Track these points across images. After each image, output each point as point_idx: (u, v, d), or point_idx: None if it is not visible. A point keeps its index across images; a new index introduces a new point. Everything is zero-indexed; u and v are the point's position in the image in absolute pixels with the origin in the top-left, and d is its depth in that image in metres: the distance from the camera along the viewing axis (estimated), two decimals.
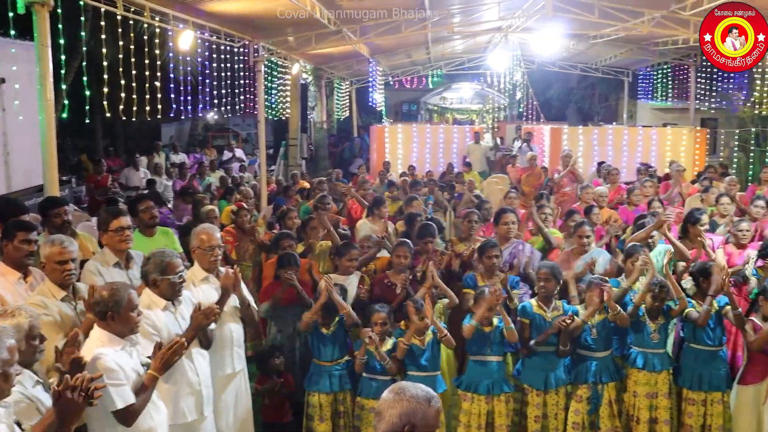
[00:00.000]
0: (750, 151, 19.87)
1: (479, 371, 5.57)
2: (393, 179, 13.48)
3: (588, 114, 28.01)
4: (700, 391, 5.63)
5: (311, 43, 13.64)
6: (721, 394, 5.64)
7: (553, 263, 6.02)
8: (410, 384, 2.64)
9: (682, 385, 5.71)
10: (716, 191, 9.50)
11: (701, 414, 5.62)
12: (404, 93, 31.69)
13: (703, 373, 5.63)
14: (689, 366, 5.70)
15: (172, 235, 6.66)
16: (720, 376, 5.66)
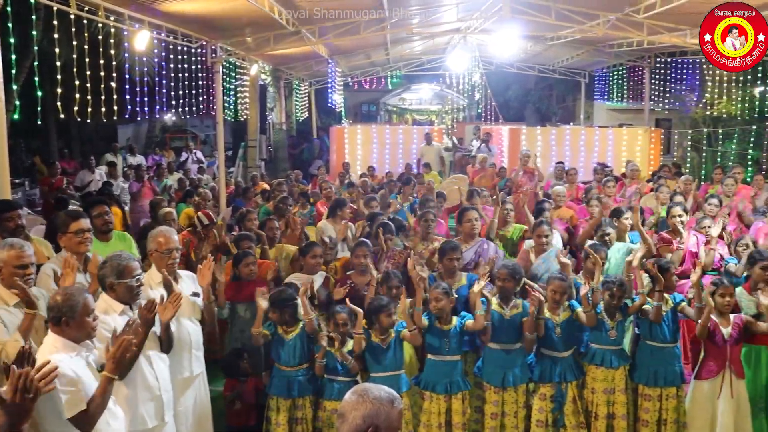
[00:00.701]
0: (702, 151, 20.30)
1: (437, 370, 5.58)
2: (353, 180, 13.44)
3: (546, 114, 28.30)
4: (656, 386, 5.71)
5: (270, 43, 13.56)
6: (675, 389, 5.73)
7: (513, 263, 6.05)
8: (373, 385, 2.63)
9: (639, 381, 5.79)
10: (666, 190, 9.68)
11: (657, 409, 5.71)
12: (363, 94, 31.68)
13: (658, 370, 5.72)
14: (645, 362, 5.79)
15: (129, 239, 6.55)
16: (675, 371, 5.76)
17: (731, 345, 5.62)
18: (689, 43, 13.79)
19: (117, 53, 9.61)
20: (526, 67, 22.28)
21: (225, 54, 13.19)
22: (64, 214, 5.42)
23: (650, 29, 12.98)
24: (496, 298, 5.82)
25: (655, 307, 5.66)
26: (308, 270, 6.43)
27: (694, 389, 5.78)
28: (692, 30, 13.01)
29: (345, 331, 5.56)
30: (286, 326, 5.65)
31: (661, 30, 12.97)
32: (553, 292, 5.70)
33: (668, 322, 5.75)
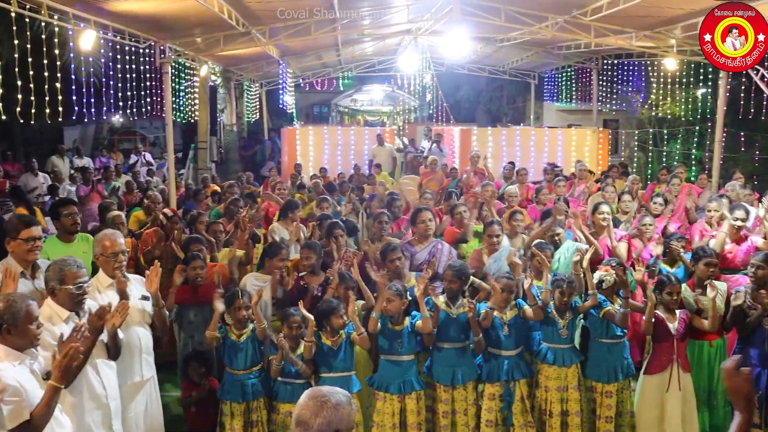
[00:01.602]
0: (649, 151, 20.74)
1: (391, 370, 5.58)
2: (304, 182, 13.38)
3: (496, 115, 28.58)
4: (616, 382, 5.79)
5: (219, 44, 13.40)
6: (629, 381, 5.86)
7: (460, 264, 6.07)
8: (329, 389, 2.60)
9: (598, 379, 5.84)
10: (612, 189, 9.86)
11: (616, 403, 5.80)
12: (315, 95, 31.59)
13: (616, 365, 5.81)
14: (602, 360, 5.84)
15: (92, 241, 6.42)
16: (627, 364, 5.87)
17: (678, 340, 5.75)
18: (635, 45, 14.08)
19: (62, 53, 9.40)
20: (476, 69, 22.46)
21: (174, 54, 12.99)
22: (16, 219, 5.27)
23: (597, 32, 13.20)
24: (443, 297, 5.84)
25: (622, 314, 5.71)
26: (272, 271, 6.38)
27: (643, 384, 5.89)
28: (637, 33, 13.29)
29: (298, 333, 5.52)
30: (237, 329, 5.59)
31: (607, 32, 13.20)
32: (501, 290, 5.73)
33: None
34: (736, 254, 7.13)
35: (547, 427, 5.76)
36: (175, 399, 6.73)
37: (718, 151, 14.49)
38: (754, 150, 18.18)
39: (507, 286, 5.74)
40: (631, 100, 21.48)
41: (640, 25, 12.97)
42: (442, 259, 6.78)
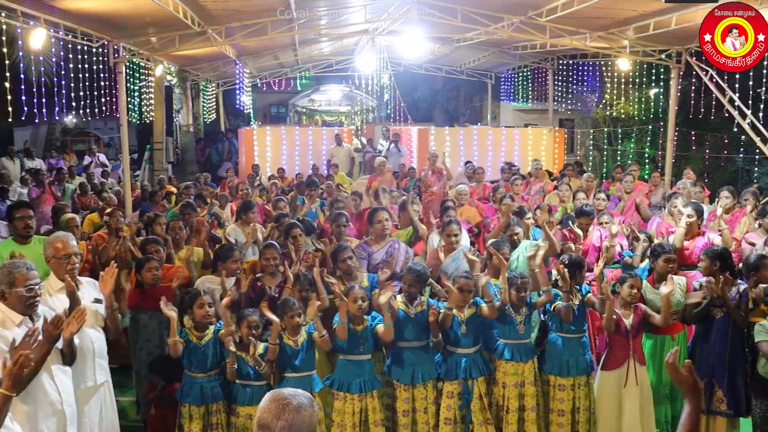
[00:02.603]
0: (603, 150, 21.05)
1: (351, 370, 5.58)
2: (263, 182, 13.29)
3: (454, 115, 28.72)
4: (569, 376, 5.87)
5: (175, 44, 13.23)
6: (586, 377, 5.92)
7: (421, 267, 6.08)
8: (290, 391, 2.58)
9: (551, 372, 5.93)
10: (566, 188, 9.98)
11: (571, 398, 5.87)
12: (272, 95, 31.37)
13: (570, 360, 5.88)
14: (557, 354, 5.92)
15: None
16: (585, 361, 5.94)
17: (633, 335, 5.86)
18: (589, 46, 14.27)
19: (10, 52, 9.19)
20: (433, 69, 22.55)
21: (128, 54, 12.80)
22: None
23: (552, 32, 13.35)
24: (401, 297, 5.86)
25: (565, 308, 5.81)
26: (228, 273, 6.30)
27: (601, 379, 5.97)
28: (591, 34, 13.47)
29: (256, 334, 5.47)
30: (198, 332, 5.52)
31: (562, 33, 13.36)
32: (459, 290, 5.76)
33: (577, 313, 5.91)
34: (693, 250, 7.28)
35: (504, 423, 5.81)
36: (131, 404, 6.62)
37: (670, 150, 14.78)
38: (704, 149, 18.59)
39: (465, 286, 5.77)
40: (585, 100, 21.78)
41: (593, 26, 13.16)
42: (399, 258, 6.80)
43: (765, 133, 13.30)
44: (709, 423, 5.89)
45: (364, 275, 6.45)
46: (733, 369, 5.82)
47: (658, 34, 12.41)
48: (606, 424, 5.90)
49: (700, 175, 13.85)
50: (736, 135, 16.57)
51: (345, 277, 6.27)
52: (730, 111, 13.73)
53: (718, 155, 18.61)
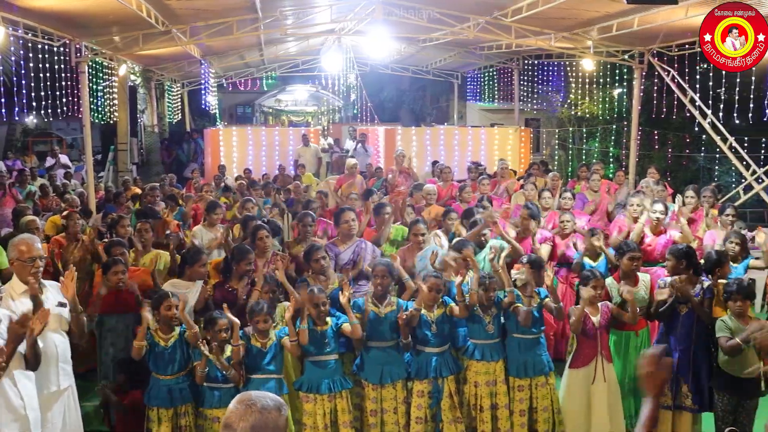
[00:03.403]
0: (569, 149, 21.26)
1: (318, 371, 5.56)
2: (229, 183, 13.19)
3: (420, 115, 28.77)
4: (526, 377, 5.92)
5: (139, 43, 13.07)
6: (544, 377, 5.96)
7: (387, 261, 6.10)
8: (258, 393, 2.57)
9: (509, 373, 5.98)
10: (532, 187, 10.06)
11: (528, 397, 5.93)
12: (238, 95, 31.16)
13: (527, 360, 5.93)
14: (514, 355, 5.98)
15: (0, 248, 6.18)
16: (542, 361, 5.99)
17: (601, 332, 5.92)
18: (554, 46, 14.40)
19: None
20: (400, 69, 22.58)
21: (90, 53, 12.61)
22: None
23: (518, 33, 13.44)
24: (370, 297, 5.85)
25: (525, 312, 5.85)
26: (196, 277, 6.24)
27: (568, 378, 6.02)
28: (556, 34, 13.59)
29: (223, 337, 5.43)
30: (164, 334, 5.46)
31: (527, 34, 13.46)
32: (429, 290, 5.77)
33: (537, 315, 5.95)
34: (656, 247, 7.39)
35: (478, 422, 5.85)
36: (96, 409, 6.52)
37: (634, 149, 14.99)
38: (667, 148, 18.89)
39: (434, 285, 5.78)
40: (551, 100, 21.97)
41: (558, 26, 13.27)
42: (366, 258, 6.80)
43: (725, 133, 13.56)
44: (675, 418, 5.97)
45: (336, 275, 6.43)
46: (697, 364, 5.90)
47: (621, 35, 12.57)
48: (575, 421, 5.95)
49: (663, 174, 14.06)
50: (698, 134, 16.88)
51: (318, 277, 6.25)
52: (691, 111, 13.98)
53: (681, 154, 18.93)
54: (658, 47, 13.71)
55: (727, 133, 13.61)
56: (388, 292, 5.94)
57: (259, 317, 5.44)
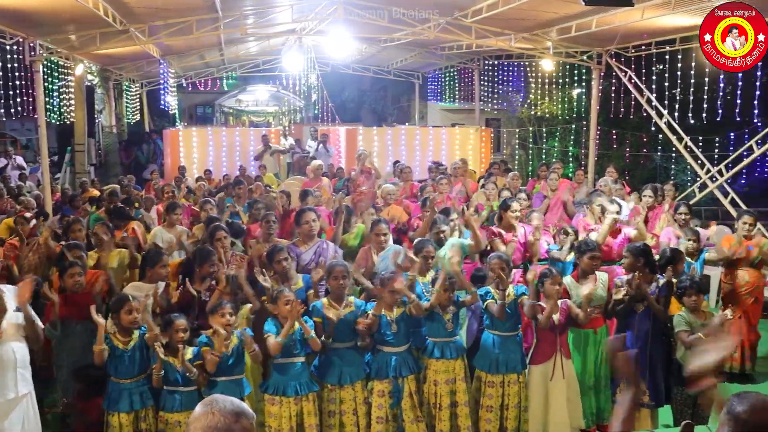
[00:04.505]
0: (529, 149, 21.48)
1: (285, 374, 5.53)
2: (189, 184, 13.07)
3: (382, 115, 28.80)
4: (498, 373, 5.95)
5: (96, 42, 12.87)
6: (516, 375, 6.00)
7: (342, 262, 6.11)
8: (222, 397, 2.53)
9: (482, 369, 6.01)
10: (492, 186, 10.14)
11: (500, 394, 5.95)
12: (198, 95, 30.82)
13: (500, 357, 5.96)
14: (488, 351, 6.01)
15: None
16: (516, 359, 6.02)
17: (560, 330, 6.00)
18: (514, 47, 14.53)
19: None
20: (361, 69, 22.56)
21: (46, 52, 12.39)
22: None
23: (478, 33, 13.54)
24: (326, 298, 5.85)
25: (499, 305, 5.88)
26: (157, 279, 6.18)
27: (530, 374, 6.09)
28: (516, 35, 13.73)
29: (185, 338, 5.37)
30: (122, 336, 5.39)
31: (488, 34, 13.57)
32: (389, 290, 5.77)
33: (510, 312, 5.98)
34: (613, 246, 7.50)
35: (437, 420, 5.87)
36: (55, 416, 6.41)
37: (593, 148, 15.21)
38: (625, 147, 19.21)
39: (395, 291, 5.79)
40: (511, 100, 22.17)
41: (518, 27, 13.40)
42: (328, 258, 6.79)
43: (680, 132, 13.83)
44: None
45: (299, 277, 6.41)
46: (654, 361, 6.03)
47: (580, 36, 12.74)
48: (534, 417, 6.02)
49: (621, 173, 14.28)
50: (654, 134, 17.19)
51: (280, 278, 6.22)
52: (648, 111, 14.24)
53: (638, 153, 19.27)
54: (615, 48, 13.93)
55: (682, 132, 13.87)
56: (346, 293, 5.93)
57: (222, 310, 5.39)
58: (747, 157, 13.51)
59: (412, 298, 5.82)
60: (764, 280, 8.05)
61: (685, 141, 13.80)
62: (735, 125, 16.93)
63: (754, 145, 13.56)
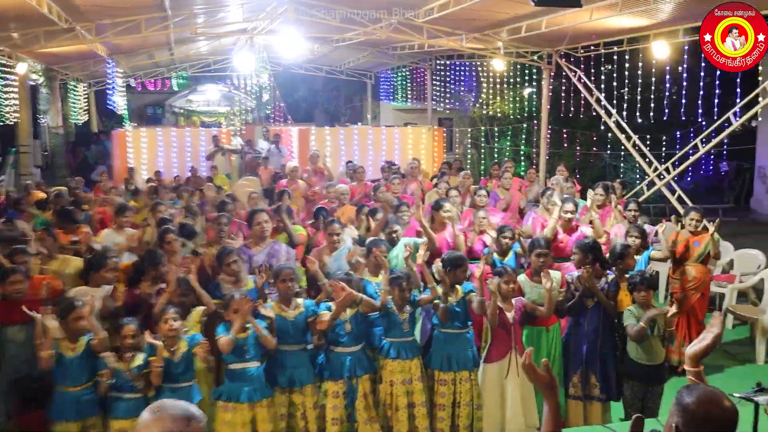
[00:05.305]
0: (481, 148, 21.66)
1: (238, 380, 5.44)
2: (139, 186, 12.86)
3: (334, 115, 28.79)
4: (450, 371, 5.97)
5: (40, 40, 12.58)
6: (468, 372, 6.02)
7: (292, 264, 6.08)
8: (170, 402, 2.48)
9: (434, 367, 6.02)
10: (445, 185, 10.20)
11: (452, 392, 5.97)
12: (148, 96, 30.40)
13: (451, 355, 5.99)
14: (439, 349, 6.04)
15: None
16: (467, 356, 6.05)
17: (515, 327, 6.03)
18: (465, 47, 14.64)
19: None
20: (313, 69, 22.50)
21: None
22: None
23: (429, 33, 13.61)
24: (275, 301, 5.80)
25: (442, 308, 5.91)
26: (103, 282, 6.06)
27: (484, 372, 6.10)
28: (467, 35, 13.83)
29: (131, 344, 5.26)
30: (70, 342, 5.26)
31: (439, 34, 13.64)
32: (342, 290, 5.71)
33: (459, 310, 6.02)
34: (568, 244, 7.60)
35: (394, 421, 5.86)
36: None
37: (544, 147, 15.42)
38: (575, 146, 19.51)
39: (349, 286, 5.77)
40: (463, 100, 22.33)
41: (469, 27, 13.50)
42: (281, 260, 6.74)
43: (629, 131, 14.09)
44: (586, 409, 6.18)
45: (250, 279, 6.33)
46: (604, 356, 6.13)
47: (530, 36, 12.90)
48: (490, 416, 6.04)
49: (572, 171, 14.49)
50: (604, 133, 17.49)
51: (230, 281, 6.15)
52: (597, 110, 14.48)
53: (588, 152, 19.59)
54: (565, 48, 14.14)
55: (630, 131, 14.13)
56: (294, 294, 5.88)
57: (165, 315, 5.29)
58: (692, 155, 13.79)
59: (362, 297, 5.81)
60: (710, 276, 8.22)
61: (634, 140, 14.05)
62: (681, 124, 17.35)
63: (699, 143, 13.90)
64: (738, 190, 20.52)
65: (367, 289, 6.11)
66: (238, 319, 5.35)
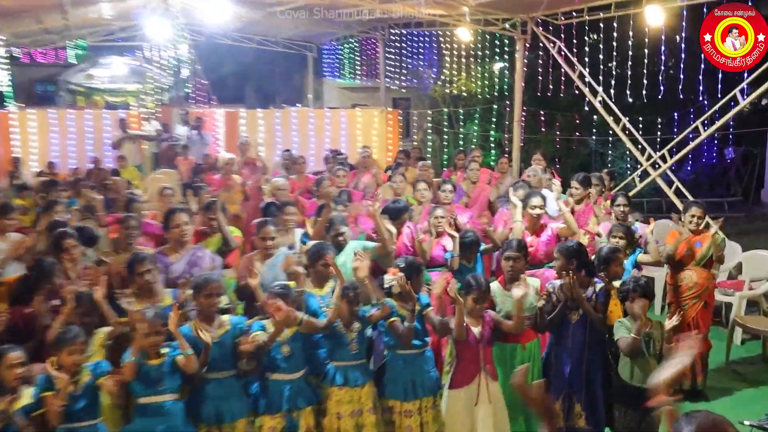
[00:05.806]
0: (444, 134, 21.76)
1: (152, 416, 5.31)
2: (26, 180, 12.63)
3: (269, 94, 28.65)
4: (416, 399, 5.95)
5: None
6: (433, 398, 6.04)
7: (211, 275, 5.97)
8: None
9: (395, 397, 5.98)
10: (401, 178, 10.19)
11: (419, 423, 5.94)
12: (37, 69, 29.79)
13: (415, 380, 5.98)
14: (399, 375, 6.00)
15: None
16: (431, 378, 6.07)
17: (483, 345, 6.03)
18: (424, 12, 14.66)
19: None
20: (243, 39, 22.32)
21: None
22: None
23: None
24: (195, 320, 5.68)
25: (406, 329, 5.88)
26: None
27: (449, 400, 6.08)
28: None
29: (16, 376, 5.05)
30: None
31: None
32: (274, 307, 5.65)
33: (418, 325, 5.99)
34: (538, 246, 7.65)
35: None
36: None
37: (517, 133, 15.52)
38: (555, 130, 19.69)
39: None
40: (422, 76, 22.44)
41: None
42: (204, 269, 6.66)
43: (618, 113, 14.21)
44: None
45: (167, 293, 6.23)
46: (591, 378, 6.15)
47: (501, 1, 12.97)
48: None
49: (551, 160, 14.65)
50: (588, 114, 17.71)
51: (142, 294, 6.03)
52: (580, 88, 14.60)
53: (570, 137, 19.81)
54: (542, 15, 14.25)
55: (620, 113, 14.24)
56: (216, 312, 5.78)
57: (70, 347, 5.16)
58: (693, 141, 13.92)
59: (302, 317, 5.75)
60: (714, 281, 8.29)
61: (623, 122, 14.19)
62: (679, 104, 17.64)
63: (700, 126, 14.07)
64: (746, 180, 20.80)
65: (309, 304, 6.06)
66: (137, 336, 5.23)
